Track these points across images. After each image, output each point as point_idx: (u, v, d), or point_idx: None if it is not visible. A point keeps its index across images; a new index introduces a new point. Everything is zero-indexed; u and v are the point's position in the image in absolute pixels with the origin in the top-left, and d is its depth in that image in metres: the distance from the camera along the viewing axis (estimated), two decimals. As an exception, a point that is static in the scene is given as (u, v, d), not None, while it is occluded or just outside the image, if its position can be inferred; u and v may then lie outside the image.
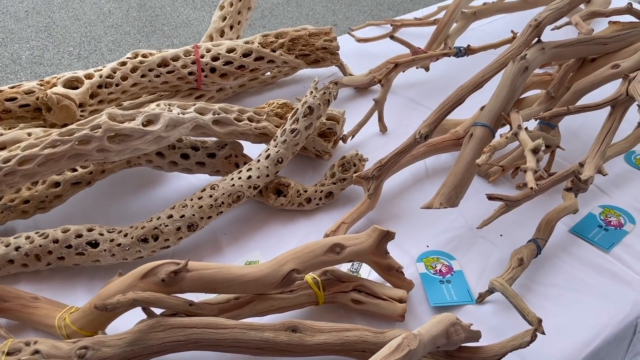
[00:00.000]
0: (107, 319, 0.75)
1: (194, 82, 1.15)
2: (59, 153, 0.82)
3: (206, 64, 1.14)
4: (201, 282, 0.73)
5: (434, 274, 0.89)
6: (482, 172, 1.06)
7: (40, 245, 0.86)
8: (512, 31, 1.20)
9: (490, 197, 0.83)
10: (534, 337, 0.70)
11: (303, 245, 0.78)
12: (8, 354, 0.67)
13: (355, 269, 0.89)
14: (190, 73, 1.13)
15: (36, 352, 0.66)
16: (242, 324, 0.71)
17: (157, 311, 0.73)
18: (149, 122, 0.87)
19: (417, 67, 1.28)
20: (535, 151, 0.75)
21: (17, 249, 0.86)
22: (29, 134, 0.94)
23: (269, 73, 1.32)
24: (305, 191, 1.01)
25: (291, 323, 0.71)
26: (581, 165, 0.83)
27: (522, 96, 1.08)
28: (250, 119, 1.03)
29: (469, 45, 1.21)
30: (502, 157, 1.05)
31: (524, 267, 0.85)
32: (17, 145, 0.84)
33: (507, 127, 0.90)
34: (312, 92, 1.00)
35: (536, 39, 0.99)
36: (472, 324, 0.71)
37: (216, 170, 1.03)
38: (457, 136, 1.05)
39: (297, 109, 1.00)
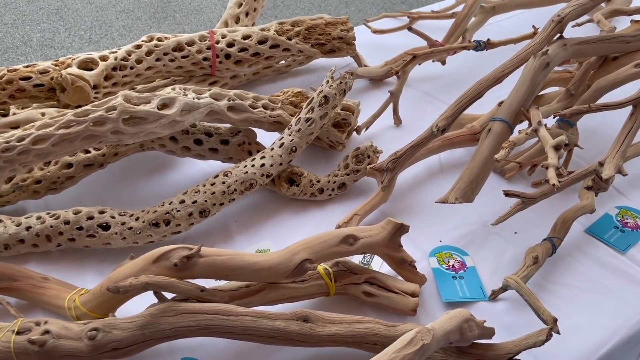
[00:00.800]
0: (118, 302, 0.74)
1: (208, 68, 1.14)
2: (73, 134, 0.82)
3: (221, 50, 1.12)
4: (213, 268, 0.72)
5: (446, 269, 0.88)
6: (498, 168, 1.05)
7: (51, 226, 0.85)
8: (533, 26, 1.18)
9: (507, 194, 0.82)
10: (549, 336, 0.69)
11: (316, 235, 0.77)
12: (18, 333, 0.66)
13: (367, 261, 0.88)
14: (204, 59, 1.11)
15: (46, 332, 0.66)
16: (254, 311, 0.70)
17: (168, 296, 0.72)
18: (164, 105, 0.87)
19: (433, 61, 1.27)
20: (557, 148, 0.74)
21: (27, 228, 0.86)
22: (43, 114, 0.93)
23: (283, 61, 1.31)
24: (318, 181, 1.00)
25: (303, 313, 0.70)
26: (601, 164, 0.82)
27: (541, 93, 1.07)
28: (265, 107, 1.02)
29: (488, 39, 1.19)
30: (518, 155, 1.04)
31: (538, 266, 0.83)
32: (32, 124, 0.84)
33: (525, 123, 0.89)
34: (328, 82, 0.99)
35: (558, 35, 0.98)
36: (485, 321, 0.70)
37: (229, 157, 1.02)
38: (473, 131, 1.04)
39: (313, 98, 0.99)
